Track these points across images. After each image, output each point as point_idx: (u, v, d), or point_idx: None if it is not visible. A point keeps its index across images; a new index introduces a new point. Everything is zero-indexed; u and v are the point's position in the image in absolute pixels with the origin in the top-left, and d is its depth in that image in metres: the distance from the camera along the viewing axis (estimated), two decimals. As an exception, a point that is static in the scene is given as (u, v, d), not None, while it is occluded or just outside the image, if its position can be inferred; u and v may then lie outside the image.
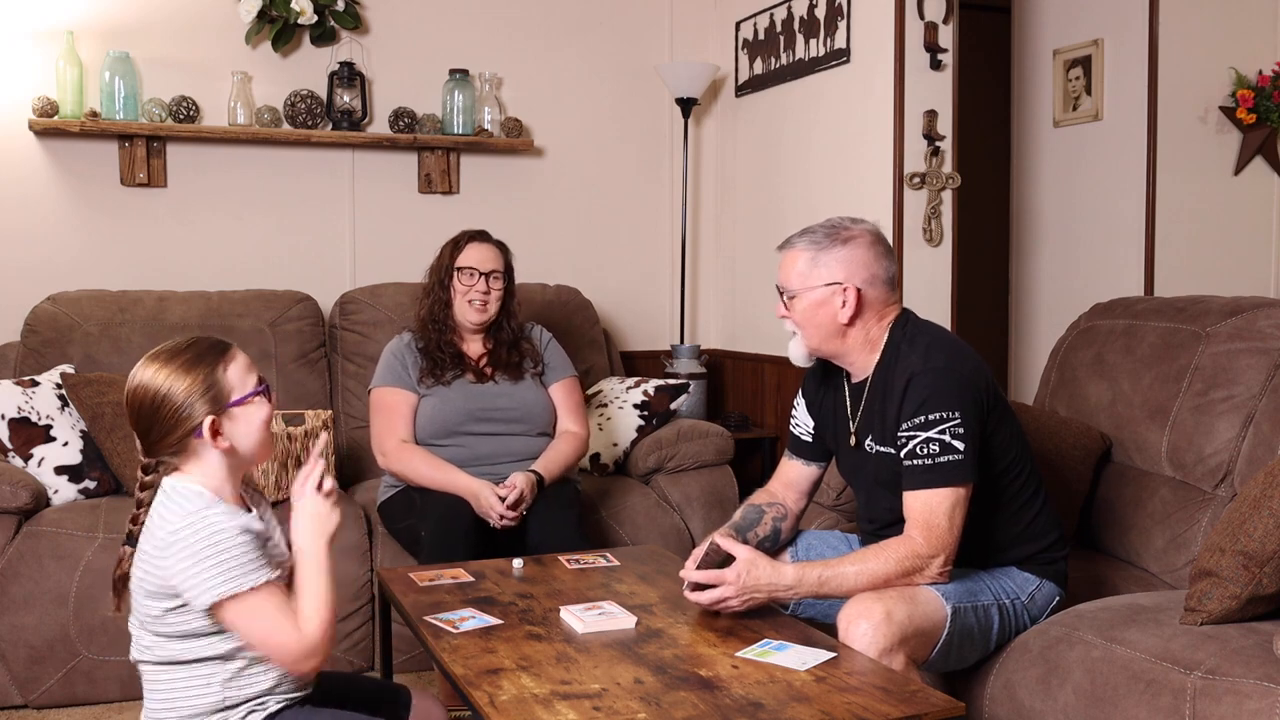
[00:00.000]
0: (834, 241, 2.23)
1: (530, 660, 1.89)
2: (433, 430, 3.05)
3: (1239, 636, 1.97)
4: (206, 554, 1.65)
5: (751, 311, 4.46)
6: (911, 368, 2.16)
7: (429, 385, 3.09)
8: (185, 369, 1.71)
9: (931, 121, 3.62)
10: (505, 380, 3.14)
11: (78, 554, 2.91)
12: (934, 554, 2.08)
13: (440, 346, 3.13)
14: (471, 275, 3.11)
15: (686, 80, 4.30)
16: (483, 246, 3.17)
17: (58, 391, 3.24)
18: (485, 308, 3.12)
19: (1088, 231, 4.48)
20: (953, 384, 2.12)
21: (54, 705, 2.92)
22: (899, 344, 2.23)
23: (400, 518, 3.04)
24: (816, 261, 2.22)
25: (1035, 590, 2.26)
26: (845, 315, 2.21)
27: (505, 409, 3.10)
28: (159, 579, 1.68)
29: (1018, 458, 2.26)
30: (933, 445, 2.08)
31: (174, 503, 1.71)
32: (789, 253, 2.28)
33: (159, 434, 1.72)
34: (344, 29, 4.08)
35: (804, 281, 2.23)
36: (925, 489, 2.09)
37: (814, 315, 2.24)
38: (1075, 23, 4.50)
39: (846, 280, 2.21)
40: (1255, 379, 2.55)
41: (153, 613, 1.71)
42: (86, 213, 3.86)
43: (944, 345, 2.22)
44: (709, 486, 3.57)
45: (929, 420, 2.09)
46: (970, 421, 2.11)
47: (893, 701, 1.72)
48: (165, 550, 1.67)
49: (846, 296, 2.21)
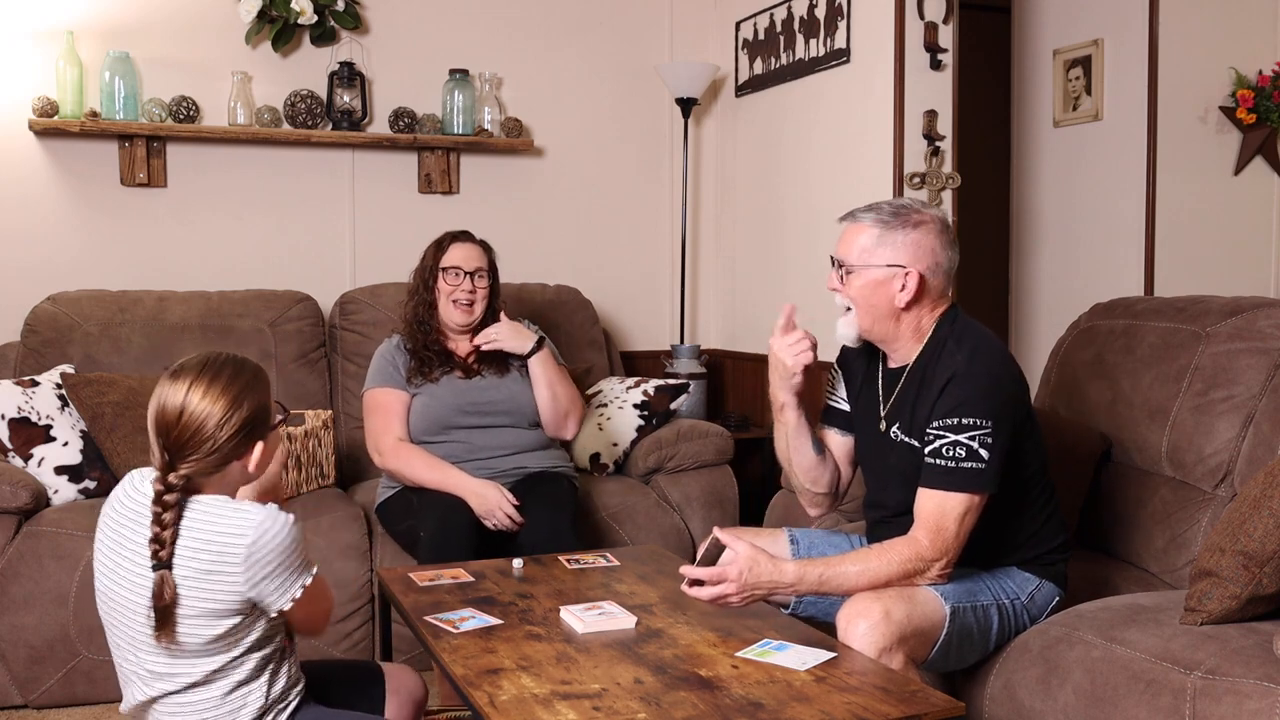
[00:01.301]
0: (903, 223, 2.18)
1: (530, 660, 1.89)
2: (425, 426, 3.06)
3: (1239, 636, 1.97)
4: (283, 556, 1.67)
5: (751, 311, 4.46)
6: (955, 367, 2.13)
7: (418, 384, 3.10)
8: (243, 398, 1.71)
9: (931, 121, 3.62)
10: (492, 374, 3.15)
11: (78, 554, 2.91)
12: (937, 558, 2.08)
13: (427, 346, 3.14)
14: (456, 275, 3.12)
15: (686, 80, 4.29)
16: (466, 246, 3.18)
17: (58, 391, 3.24)
18: (471, 308, 3.13)
19: (1088, 231, 4.48)
20: (992, 393, 2.10)
21: (54, 705, 2.92)
22: (945, 338, 2.19)
23: (399, 519, 3.03)
24: (882, 240, 2.18)
25: (1035, 590, 2.26)
26: (903, 300, 2.17)
27: (494, 401, 3.11)
28: (231, 596, 1.65)
29: (1040, 468, 2.25)
30: (959, 449, 2.07)
31: (226, 518, 1.67)
32: (854, 226, 2.22)
33: (200, 456, 1.68)
34: (344, 29, 4.08)
35: (866, 258, 2.19)
36: (941, 490, 2.08)
37: (870, 294, 2.19)
38: (1075, 23, 4.50)
39: (910, 264, 2.17)
40: (1255, 379, 2.55)
41: (224, 628, 1.68)
42: (86, 213, 3.86)
43: (991, 351, 2.18)
44: (709, 486, 3.57)
45: (961, 424, 2.08)
46: (1001, 433, 2.09)
47: (893, 701, 1.72)
48: (240, 565, 1.64)
49: (908, 281, 2.16)
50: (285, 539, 1.67)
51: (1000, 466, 2.10)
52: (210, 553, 1.65)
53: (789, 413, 2.35)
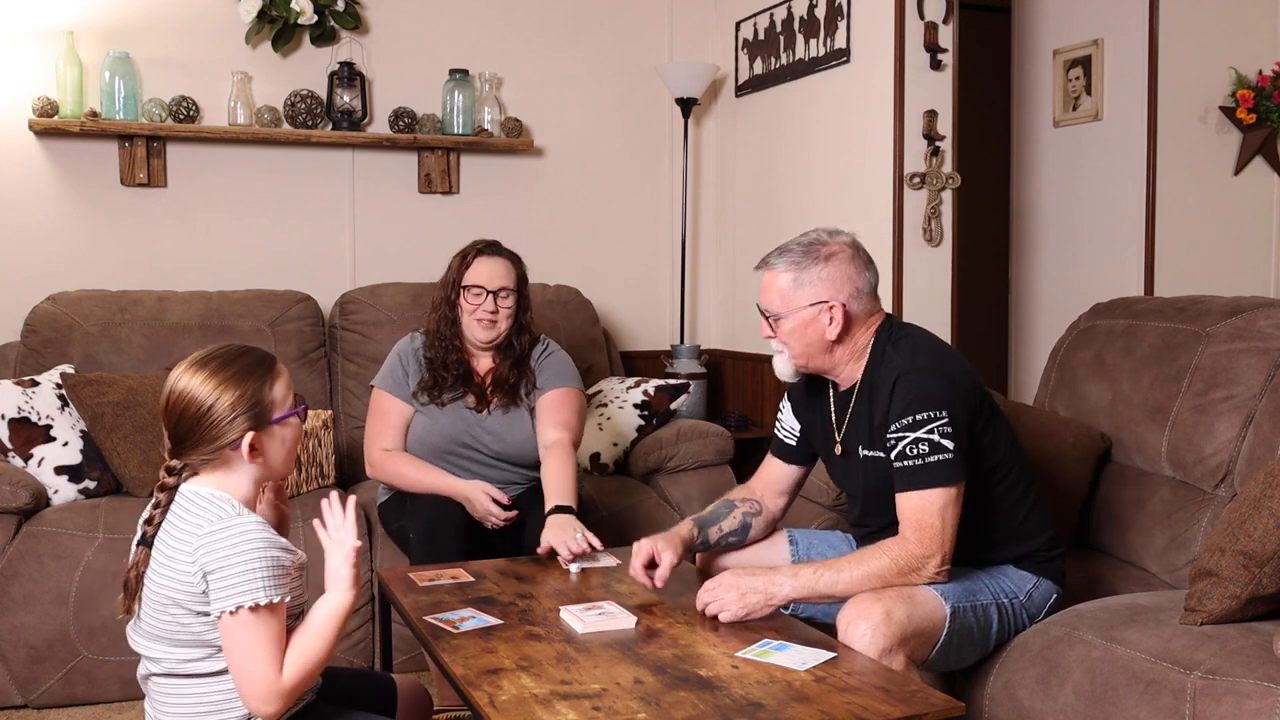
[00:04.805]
0: (814, 259, 2.20)
1: (530, 660, 1.89)
2: (419, 452, 2.98)
3: (1239, 636, 1.97)
4: (236, 560, 1.62)
5: (751, 311, 4.46)
6: (898, 369, 2.15)
7: (423, 402, 2.99)
8: (234, 382, 1.70)
9: (931, 121, 3.62)
10: (499, 410, 3.01)
11: (78, 554, 2.91)
12: (929, 554, 2.08)
13: (446, 365, 3.00)
14: (479, 294, 2.96)
15: (686, 80, 4.30)
16: (492, 260, 3.00)
17: (58, 391, 3.24)
18: (494, 325, 2.98)
19: (1088, 231, 4.48)
20: (940, 383, 2.12)
21: (54, 705, 2.92)
22: (884, 346, 2.23)
23: (394, 519, 3.03)
24: (799, 282, 2.20)
25: (1033, 589, 2.26)
26: (833, 333, 2.20)
27: (489, 445, 2.99)
28: (185, 586, 1.64)
29: (1006, 457, 2.25)
30: (922, 445, 2.08)
31: (200, 509, 1.68)
32: (768, 274, 2.25)
33: (196, 441, 1.70)
34: (344, 29, 4.08)
35: (788, 304, 2.21)
36: (916, 490, 2.09)
37: (802, 335, 2.23)
38: (1075, 23, 4.50)
39: (832, 298, 2.19)
40: (1255, 379, 2.55)
41: (176, 622, 1.67)
42: (86, 213, 3.86)
43: (928, 346, 2.22)
44: (709, 486, 3.57)
45: (917, 420, 2.09)
46: (959, 420, 2.11)
47: (893, 701, 1.72)
48: (194, 555, 1.64)
49: (834, 314, 2.19)
50: (251, 545, 1.63)
51: (967, 453, 2.12)
52: (173, 540, 1.67)
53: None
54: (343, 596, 1.70)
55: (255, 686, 1.63)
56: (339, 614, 1.69)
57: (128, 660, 1.84)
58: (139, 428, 3.15)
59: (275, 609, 1.64)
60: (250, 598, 1.61)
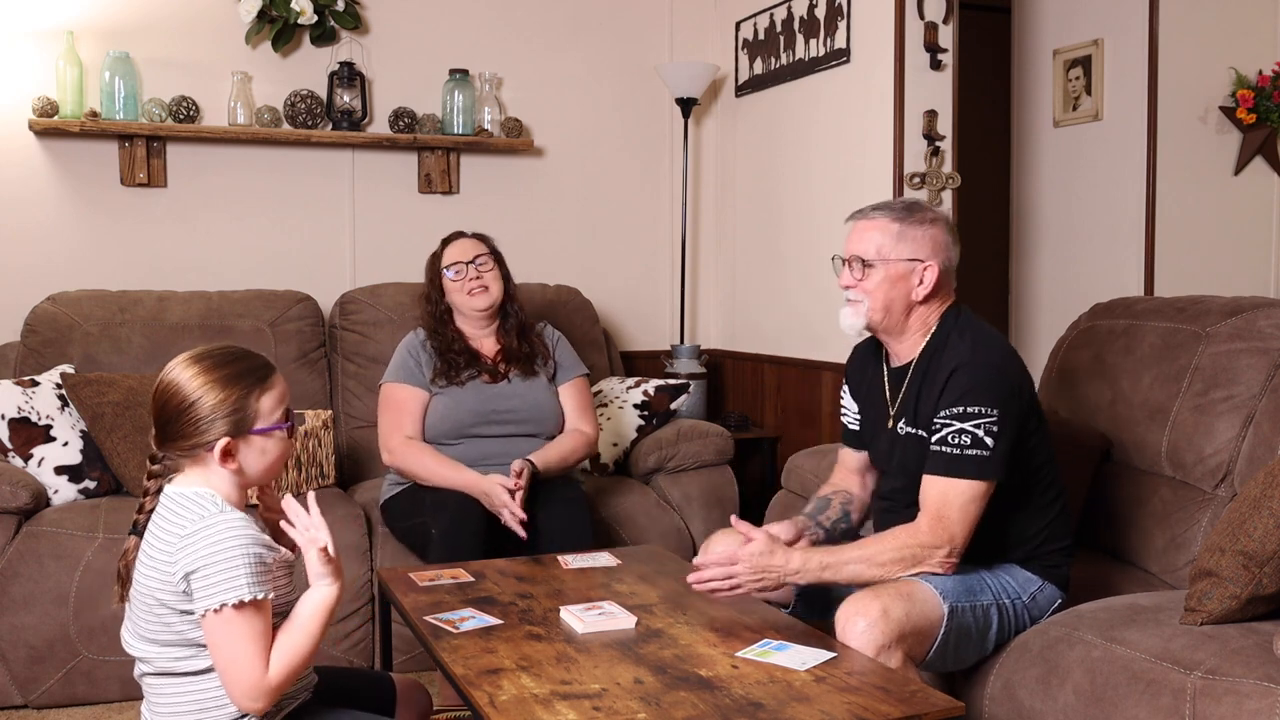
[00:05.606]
0: (919, 219, 2.23)
1: (530, 660, 1.89)
2: (444, 430, 3.06)
3: (1239, 636, 1.97)
4: (219, 558, 1.62)
5: (751, 311, 4.46)
6: (959, 358, 2.16)
7: (442, 385, 3.10)
8: (222, 384, 1.70)
9: (931, 121, 3.62)
10: (518, 378, 3.15)
11: (78, 554, 2.91)
12: (938, 544, 2.09)
13: (452, 349, 3.14)
14: (459, 270, 3.15)
15: (686, 80, 4.30)
16: (461, 241, 3.23)
17: (58, 391, 3.24)
18: (486, 291, 3.14)
19: (1088, 231, 4.48)
20: (997, 382, 2.13)
21: (54, 705, 2.92)
22: (949, 332, 2.23)
23: (406, 516, 3.03)
24: (903, 236, 2.22)
25: (1037, 591, 2.26)
26: (921, 293, 2.22)
27: (516, 410, 3.11)
28: (168, 587, 1.64)
29: (1046, 462, 2.27)
30: (964, 437, 2.09)
31: (184, 508, 1.68)
32: (868, 222, 2.26)
33: (174, 434, 1.71)
34: (344, 29, 4.08)
35: (886, 253, 2.22)
36: (945, 476, 2.10)
37: (890, 289, 2.23)
38: (1075, 23, 4.50)
39: (929, 258, 2.21)
40: (1255, 379, 2.55)
41: (161, 622, 1.68)
42: (86, 213, 3.86)
43: (994, 343, 2.22)
44: (709, 486, 3.57)
45: (966, 412, 2.10)
46: (1007, 422, 2.11)
47: (892, 701, 1.72)
48: (175, 557, 1.64)
49: (926, 275, 2.21)
50: (233, 542, 1.62)
51: (1006, 455, 2.12)
52: (157, 539, 1.68)
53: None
54: (326, 590, 1.70)
55: (241, 683, 1.63)
56: (324, 608, 1.69)
57: (127, 660, 1.84)
58: (139, 428, 3.15)
59: (260, 605, 1.64)
60: (234, 595, 1.61)
